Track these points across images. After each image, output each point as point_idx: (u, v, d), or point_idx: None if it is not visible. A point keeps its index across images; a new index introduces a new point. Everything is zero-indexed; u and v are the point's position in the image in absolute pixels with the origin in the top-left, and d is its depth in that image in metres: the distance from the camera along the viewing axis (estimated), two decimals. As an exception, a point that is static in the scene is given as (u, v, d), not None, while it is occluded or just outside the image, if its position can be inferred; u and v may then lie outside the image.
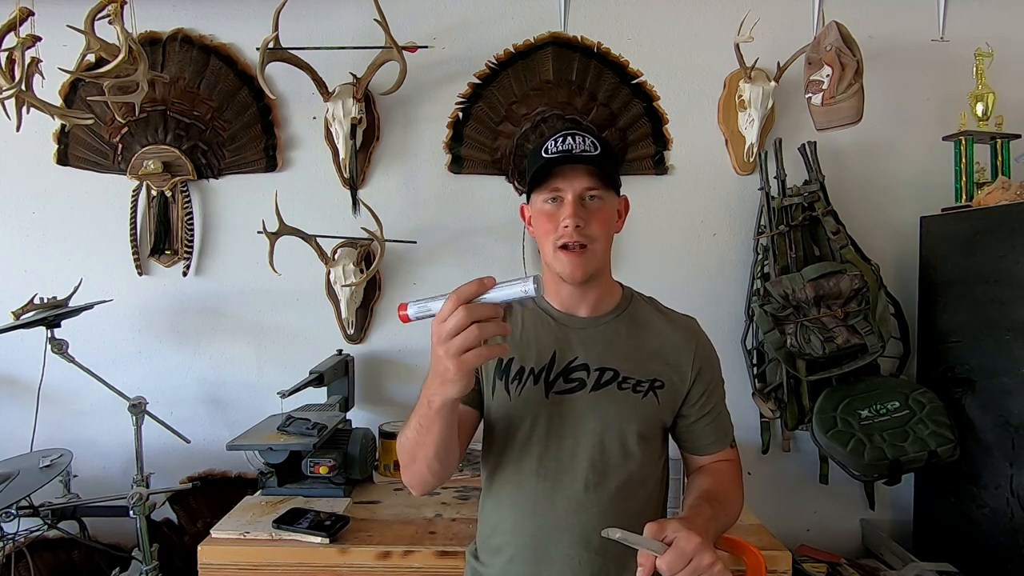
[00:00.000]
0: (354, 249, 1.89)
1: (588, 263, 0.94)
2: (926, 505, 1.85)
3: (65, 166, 1.92)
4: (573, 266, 0.94)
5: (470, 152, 1.94)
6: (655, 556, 0.76)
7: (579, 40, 1.90)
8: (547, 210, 0.95)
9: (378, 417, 1.92)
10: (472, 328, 0.69)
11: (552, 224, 0.94)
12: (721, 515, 0.91)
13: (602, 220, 0.95)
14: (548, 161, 0.94)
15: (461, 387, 0.74)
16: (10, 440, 1.77)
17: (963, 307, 1.68)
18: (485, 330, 0.70)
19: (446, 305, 0.71)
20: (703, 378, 1.01)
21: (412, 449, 0.88)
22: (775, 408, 1.86)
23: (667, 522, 0.79)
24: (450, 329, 0.70)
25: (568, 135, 0.95)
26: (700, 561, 0.75)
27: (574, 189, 0.93)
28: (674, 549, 0.76)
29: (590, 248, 0.93)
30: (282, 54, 1.74)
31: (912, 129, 1.93)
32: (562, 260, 0.94)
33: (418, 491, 0.94)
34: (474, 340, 0.69)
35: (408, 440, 0.88)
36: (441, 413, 0.80)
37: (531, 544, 0.96)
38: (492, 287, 0.71)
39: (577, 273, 0.94)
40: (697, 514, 0.87)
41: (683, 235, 1.94)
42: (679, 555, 0.75)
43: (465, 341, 0.69)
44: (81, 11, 1.48)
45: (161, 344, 1.95)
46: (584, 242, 0.93)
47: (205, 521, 1.77)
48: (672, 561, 0.75)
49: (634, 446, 0.96)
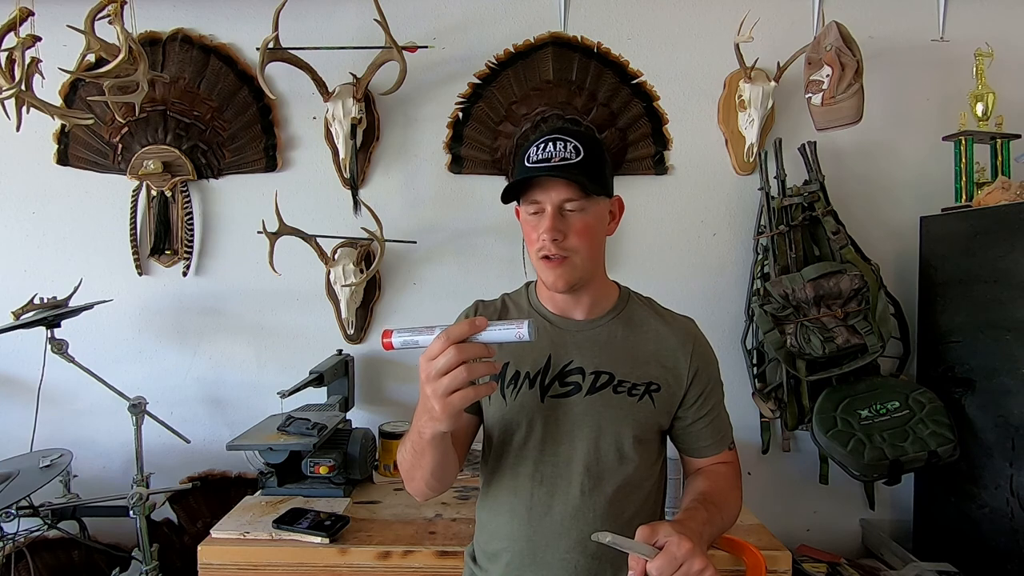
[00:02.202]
0: (354, 249, 1.89)
1: (569, 274, 0.93)
2: (926, 505, 1.85)
3: (65, 166, 1.92)
4: (555, 276, 0.93)
5: (470, 152, 1.94)
6: (646, 560, 0.76)
7: (579, 40, 1.90)
8: (530, 221, 0.94)
9: (378, 417, 1.92)
10: (461, 369, 0.70)
11: (534, 234, 0.94)
12: (717, 518, 0.91)
13: (581, 231, 0.92)
14: (525, 172, 0.91)
15: (448, 424, 0.75)
16: (10, 440, 1.77)
17: (963, 307, 1.68)
18: (474, 371, 0.70)
19: (436, 343, 0.71)
20: (700, 380, 1.00)
21: (409, 469, 0.91)
22: (775, 408, 1.86)
23: (659, 525, 0.79)
24: (439, 368, 0.70)
25: (550, 140, 0.91)
26: (691, 567, 0.75)
27: (552, 201, 0.91)
28: (664, 553, 0.76)
29: (570, 260, 0.92)
30: (282, 54, 1.74)
31: (912, 129, 1.93)
32: (544, 270, 0.94)
33: (420, 500, 0.96)
34: (461, 382, 0.70)
35: (405, 460, 0.91)
36: (432, 443, 0.81)
37: (528, 549, 0.96)
38: (484, 328, 0.70)
39: (559, 283, 0.93)
40: (691, 517, 0.86)
41: (683, 235, 1.94)
42: (669, 560, 0.75)
43: (453, 382, 0.70)
44: (81, 11, 1.48)
45: (161, 344, 1.95)
46: (563, 254, 0.92)
47: (205, 521, 1.77)
48: (662, 566, 0.75)
49: (630, 449, 0.95)
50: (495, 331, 0.70)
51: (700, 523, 0.85)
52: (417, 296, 1.96)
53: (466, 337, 0.71)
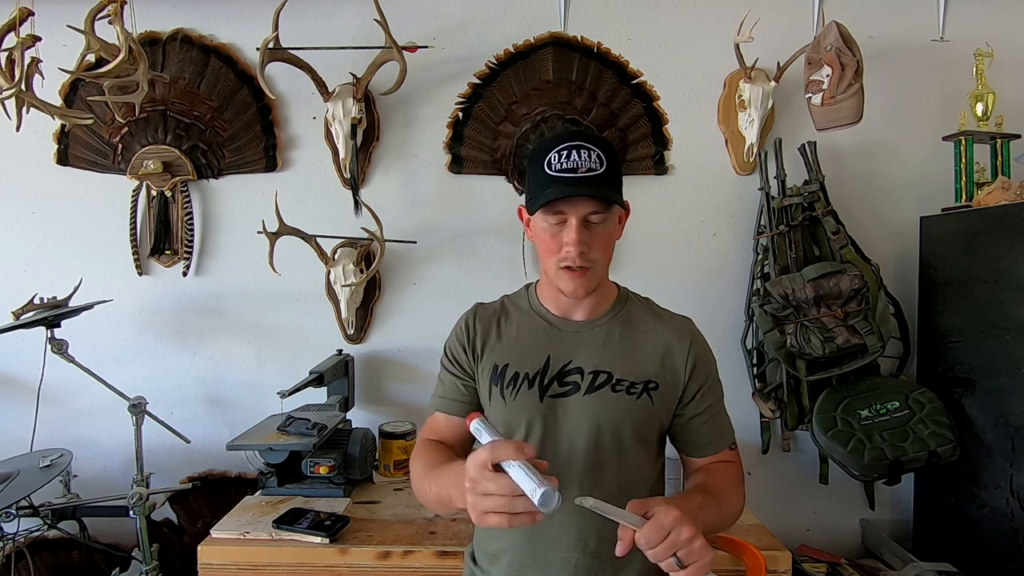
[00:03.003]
0: (354, 249, 1.89)
1: (590, 282, 0.95)
2: (926, 505, 1.85)
3: (65, 166, 1.92)
4: (576, 285, 0.94)
5: (470, 152, 1.94)
6: (634, 530, 0.74)
7: (579, 40, 1.90)
8: (550, 230, 0.94)
9: (378, 417, 1.92)
10: (505, 503, 0.71)
11: (555, 244, 0.93)
12: (714, 506, 0.89)
13: (604, 241, 0.94)
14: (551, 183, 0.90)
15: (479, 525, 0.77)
16: (10, 440, 1.77)
17: (963, 307, 1.68)
18: (514, 506, 0.71)
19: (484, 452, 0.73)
20: (697, 377, 1.00)
21: (432, 504, 0.92)
22: (775, 408, 1.86)
23: (650, 500, 0.78)
24: (486, 490, 0.72)
25: (573, 149, 0.90)
26: (679, 535, 0.73)
27: (578, 214, 0.90)
28: (652, 522, 0.74)
29: (591, 270, 0.94)
30: (282, 54, 1.74)
31: (912, 129, 1.93)
32: (564, 279, 0.94)
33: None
34: (501, 510, 0.72)
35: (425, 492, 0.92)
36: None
37: (529, 549, 0.96)
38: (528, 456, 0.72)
39: (580, 291, 0.95)
40: (685, 498, 0.86)
41: (683, 235, 1.94)
42: (656, 528, 0.73)
43: (495, 507, 0.72)
44: (81, 11, 1.48)
45: (161, 344, 1.95)
46: (587, 265, 0.93)
47: (205, 521, 1.77)
48: (649, 534, 0.73)
49: (630, 448, 0.96)
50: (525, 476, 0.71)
51: (695, 505, 0.83)
52: (417, 296, 1.96)
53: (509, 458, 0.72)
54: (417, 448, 1.01)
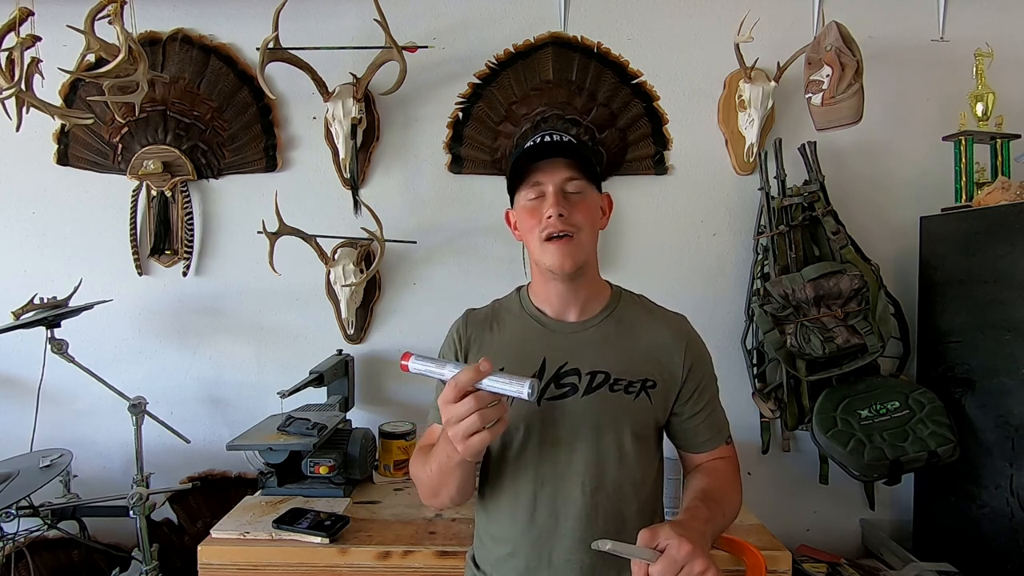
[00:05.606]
0: (354, 249, 1.89)
1: (576, 252, 0.95)
2: (926, 505, 1.85)
3: (65, 166, 1.92)
4: (562, 255, 0.94)
5: (470, 152, 1.94)
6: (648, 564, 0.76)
7: (579, 40, 1.90)
8: (530, 206, 0.97)
9: (378, 417, 1.92)
10: (473, 418, 0.76)
11: (536, 218, 0.96)
12: (719, 515, 0.91)
13: (585, 210, 0.96)
14: (526, 152, 0.96)
15: (472, 458, 0.82)
16: (10, 440, 1.77)
17: (963, 307, 1.68)
18: (486, 416, 0.77)
19: (448, 390, 0.78)
20: (694, 374, 1.01)
21: (435, 487, 0.93)
22: (775, 408, 1.86)
23: (660, 528, 0.79)
24: (455, 415, 0.77)
25: (547, 134, 0.98)
26: (692, 569, 0.75)
27: (554, 181, 0.95)
28: (665, 557, 0.76)
29: (576, 237, 0.95)
30: (282, 54, 1.74)
31: (912, 129, 1.93)
32: (550, 250, 0.95)
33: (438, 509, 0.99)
34: (476, 427, 0.77)
35: (429, 478, 0.92)
36: (460, 466, 0.86)
37: (533, 552, 0.96)
38: (488, 374, 0.77)
39: (567, 263, 0.94)
40: (692, 517, 0.86)
41: (683, 235, 1.94)
42: (670, 563, 0.75)
43: (469, 427, 0.77)
44: (81, 11, 1.48)
45: (161, 344, 1.95)
46: (570, 231, 0.94)
47: (205, 521, 1.77)
48: (663, 570, 0.75)
49: (629, 447, 0.96)
50: (497, 382, 0.76)
51: (702, 522, 0.85)
52: (417, 296, 1.96)
53: (473, 383, 0.77)
54: (415, 455, 1.02)
